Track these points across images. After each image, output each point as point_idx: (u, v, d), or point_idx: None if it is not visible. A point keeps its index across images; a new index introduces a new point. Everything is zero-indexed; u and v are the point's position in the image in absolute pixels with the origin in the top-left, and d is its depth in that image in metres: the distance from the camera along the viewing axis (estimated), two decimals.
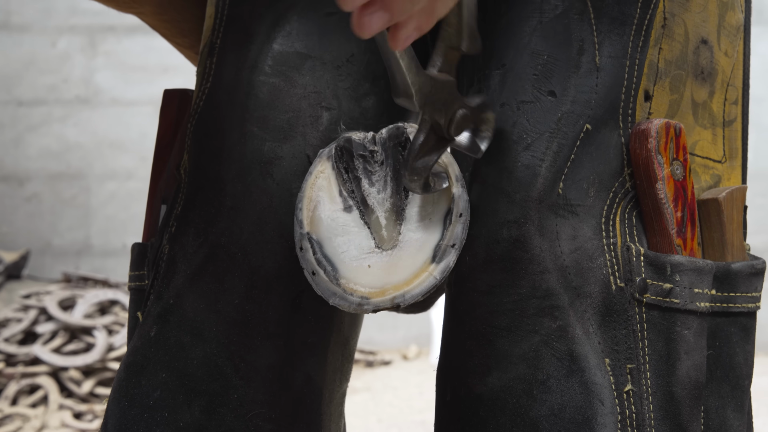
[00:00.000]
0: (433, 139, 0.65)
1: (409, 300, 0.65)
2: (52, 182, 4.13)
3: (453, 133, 0.65)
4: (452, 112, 0.64)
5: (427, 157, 0.65)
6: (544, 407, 0.63)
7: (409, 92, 0.60)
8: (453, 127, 0.64)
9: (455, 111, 0.64)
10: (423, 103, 0.61)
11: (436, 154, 0.65)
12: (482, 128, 0.68)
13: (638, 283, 0.65)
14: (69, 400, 2.84)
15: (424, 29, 0.56)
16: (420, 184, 0.65)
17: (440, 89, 0.63)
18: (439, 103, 0.63)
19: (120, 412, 0.69)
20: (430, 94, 0.62)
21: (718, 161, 0.75)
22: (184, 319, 0.69)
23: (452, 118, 0.64)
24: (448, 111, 0.64)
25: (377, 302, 0.66)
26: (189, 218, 0.71)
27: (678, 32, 0.71)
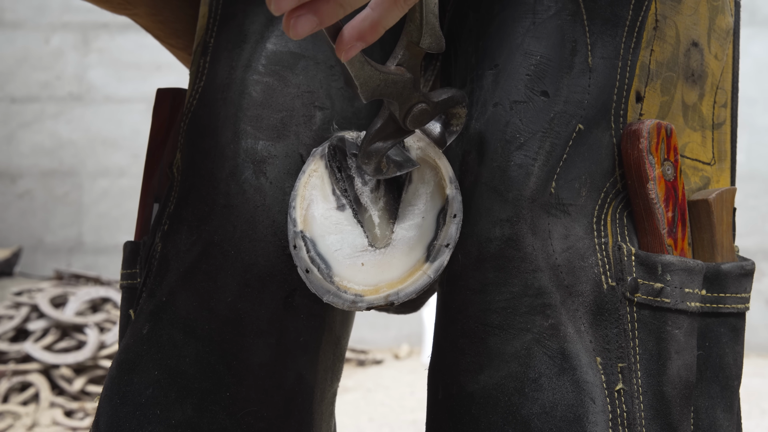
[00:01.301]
0: (392, 127, 0.66)
1: (402, 298, 0.66)
2: (45, 179, 4.12)
3: (410, 125, 0.65)
4: (408, 106, 0.65)
5: (382, 143, 0.66)
6: (536, 405, 0.63)
7: (353, 84, 0.61)
8: (409, 120, 0.65)
9: (413, 105, 0.65)
10: (370, 96, 0.62)
11: (391, 140, 0.66)
12: (452, 122, 0.69)
13: (629, 282, 0.66)
14: (60, 398, 2.83)
15: (367, 40, 0.57)
16: (371, 168, 0.66)
17: (392, 84, 0.63)
18: (392, 96, 0.63)
19: (112, 409, 0.69)
20: (378, 88, 0.62)
21: (707, 163, 0.75)
22: (177, 317, 0.69)
23: (408, 111, 0.65)
24: (404, 105, 0.64)
25: (371, 300, 0.66)
26: (182, 216, 0.71)
27: (669, 34, 0.72)
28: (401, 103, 0.64)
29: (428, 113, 0.66)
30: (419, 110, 0.65)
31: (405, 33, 0.64)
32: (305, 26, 0.54)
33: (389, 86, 0.63)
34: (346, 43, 0.57)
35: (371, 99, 0.62)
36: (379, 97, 0.63)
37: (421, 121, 0.66)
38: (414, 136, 0.71)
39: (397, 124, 0.66)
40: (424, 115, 0.66)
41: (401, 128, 0.66)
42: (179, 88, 0.82)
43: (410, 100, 0.65)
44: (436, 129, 0.70)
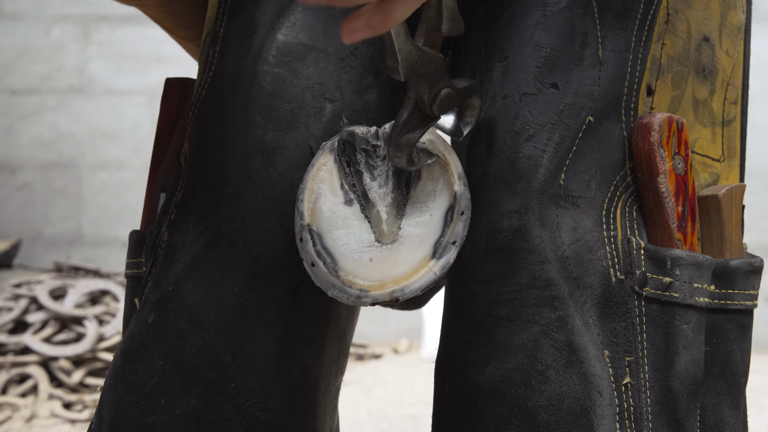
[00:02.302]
0: (418, 116, 0.66)
1: (408, 294, 0.65)
2: (44, 171, 4.12)
3: (436, 111, 0.65)
4: (437, 89, 0.65)
5: (411, 134, 0.66)
6: (543, 398, 0.63)
7: (395, 59, 0.61)
8: (437, 105, 0.65)
9: (440, 89, 0.65)
10: (408, 74, 0.62)
11: (420, 130, 0.66)
12: (467, 113, 0.69)
13: (638, 276, 0.66)
14: (59, 390, 2.83)
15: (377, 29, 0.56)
16: (404, 160, 0.66)
17: (427, 62, 0.63)
18: (425, 77, 0.63)
19: (115, 398, 0.69)
20: (416, 65, 0.62)
21: (716, 160, 0.75)
22: (183, 307, 0.69)
23: (436, 95, 0.65)
24: (433, 87, 0.64)
25: (376, 295, 0.66)
26: (189, 206, 0.71)
27: (681, 28, 0.71)
28: (431, 85, 0.64)
29: (453, 99, 0.66)
30: (446, 94, 0.65)
31: (423, 20, 0.64)
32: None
33: (425, 65, 0.63)
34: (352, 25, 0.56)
35: (408, 77, 0.62)
36: (415, 75, 0.62)
37: (447, 106, 0.66)
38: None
39: (422, 113, 0.66)
40: (450, 100, 0.66)
41: (427, 116, 0.66)
42: (188, 78, 0.82)
43: (438, 83, 0.65)
44: (450, 120, 0.69)
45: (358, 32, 0.56)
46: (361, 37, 0.56)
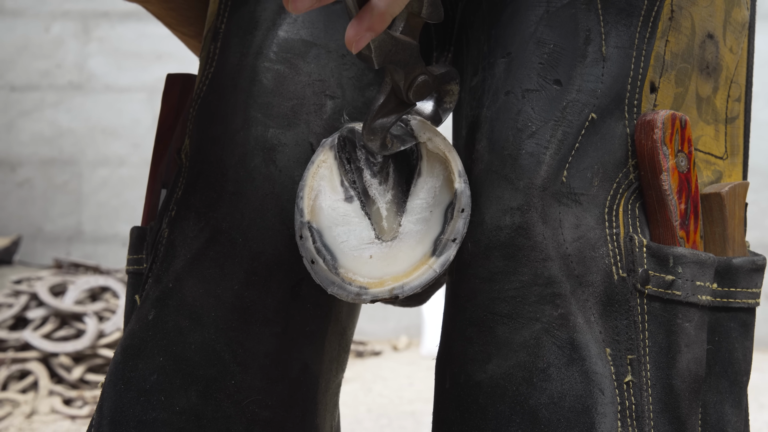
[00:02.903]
0: (394, 102, 0.65)
1: (407, 291, 0.65)
2: (44, 168, 4.12)
3: (413, 97, 0.65)
4: (413, 76, 0.64)
5: (386, 119, 0.65)
6: (544, 395, 0.63)
7: (368, 47, 0.60)
8: (413, 91, 0.65)
9: (416, 76, 0.65)
10: (382, 61, 0.61)
11: (395, 115, 0.66)
12: (446, 99, 0.69)
13: (640, 274, 0.65)
14: (59, 386, 2.83)
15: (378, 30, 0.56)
16: (377, 144, 0.66)
17: (401, 50, 0.62)
18: (399, 64, 0.63)
19: (116, 395, 0.68)
20: (390, 53, 0.62)
21: (719, 157, 0.75)
22: (183, 304, 0.68)
23: (412, 82, 0.65)
24: (409, 75, 0.64)
25: (375, 293, 0.66)
26: (189, 202, 0.71)
27: (685, 25, 0.71)
28: (407, 72, 0.64)
29: (429, 85, 0.66)
30: (422, 81, 0.65)
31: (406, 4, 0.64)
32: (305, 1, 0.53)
33: (399, 52, 0.62)
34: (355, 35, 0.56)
35: (383, 65, 0.62)
36: (390, 62, 0.62)
37: (423, 93, 0.66)
38: (424, 128, 0.70)
39: (398, 98, 0.66)
40: (426, 87, 0.66)
41: (403, 102, 0.66)
42: (189, 74, 0.81)
43: (414, 70, 0.64)
44: (429, 107, 0.70)
45: (363, 38, 0.56)
46: (366, 42, 0.56)
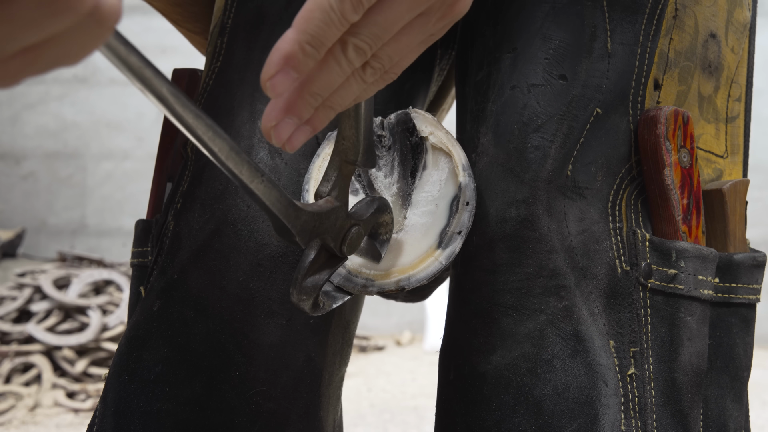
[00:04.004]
0: (325, 257, 0.60)
1: (413, 284, 0.65)
2: (49, 161, 4.13)
3: (347, 252, 0.60)
4: (342, 234, 0.60)
5: (317, 276, 0.60)
6: (548, 386, 0.63)
7: (290, 235, 0.55)
8: (346, 246, 0.60)
9: (346, 231, 0.60)
10: (309, 239, 0.57)
11: (327, 272, 0.60)
12: (380, 231, 0.65)
13: (643, 267, 0.66)
14: (62, 380, 2.84)
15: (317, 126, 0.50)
16: (309, 304, 0.60)
17: (326, 218, 0.58)
18: (328, 232, 0.58)
19: (120, 385, 0.69)
20: (315, 228, 0.57)
21: (720, 156, 0.75)
22: (188, 295, 0.69)
23: (344, 237, 0.60)
24: (338, 234, 0.59)
25: (382, 284, 0.66)
26: (195, 195, 0.71)
27: (688, 24, 0.71)
28: (335, 234, 0.59)
29: (361, 234, 0.62)
30: (355, 234, 0.61)
31: (336, 152, 0.60)
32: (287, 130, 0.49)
33: (325, 223, 0.58)
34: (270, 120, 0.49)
35: (309, 242, 0.57)
36: (317, 237, 0.57)
37: (357, 244, 0.61)
38: (425, 122, 0.70)
39: (329, 252, 0.60)
40: (359, 238, 0.61)
41: (335, 255, 0.61)
42: (195, 69, 0.82)
43: (344, 227, 0.60)
44: (363, 244, 0.65)
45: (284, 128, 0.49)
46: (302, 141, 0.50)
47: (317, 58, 0.46)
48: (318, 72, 0.48)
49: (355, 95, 0.51)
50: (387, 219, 0.65)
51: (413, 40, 0.51)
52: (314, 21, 0.45)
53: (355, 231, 0.61)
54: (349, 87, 0.50)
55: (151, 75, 0.42)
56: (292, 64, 0.45)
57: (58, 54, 0.36)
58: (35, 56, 0.35)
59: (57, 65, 0.37)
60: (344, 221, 0.60)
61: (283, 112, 0.48)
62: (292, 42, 0.45)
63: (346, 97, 0.50)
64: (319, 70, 0.48)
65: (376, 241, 0.65)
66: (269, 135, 0.48)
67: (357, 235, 0.61)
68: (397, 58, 0.51)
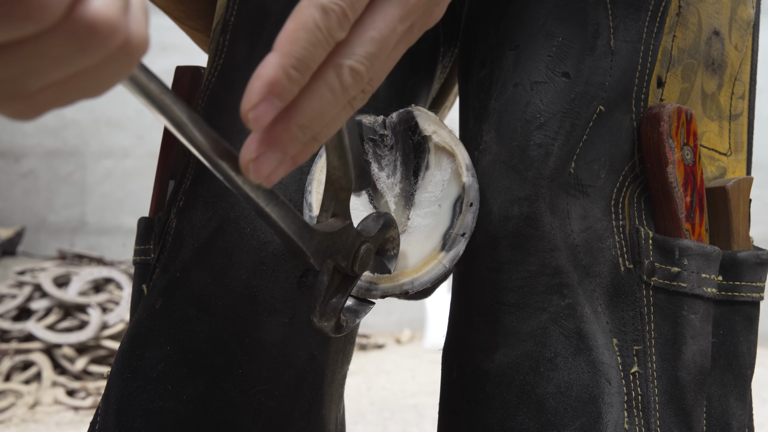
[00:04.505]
0: (338, 279, 0.60)
1: (417, 287, 0.65)
2: (49, 159, 4.12)
3: (359, 271, 0.60)
4: (353, 251, 0.59)
5: (335, 299, 0.60)
6: (551, 385, 0.63)
7: (305, 257, 0.54)
8: (358, 265, 0.59)
9: (357, 250, 0.59)
10: (323, 261, 0.55)
11: (342, 293, 0.60)
12: (388, 247, 0.65)
13: (646, 265, 0.66)
14: (62, 377, 2.84)
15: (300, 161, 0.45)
16: (332, 326, 0.60)
17: (338, 237, 0.57)
18: (340, 252, 0.58)
19: (122, 383, 0.69)
20: (329, 249, 0.56)
21: (723, 154, 0.75)
22: (191, 293, 0.69)
23: (355, 256, 0.59)
24: (349, 252, 0.59)
25: (385, 288, 0.66)
26: (198, 192, 0.71)
27: (692, 21, 0.71)
28: (347, 253, 0.59)
29: (371, 251, 0.61)
30: (365, 251, 0.60)
31: (329, 181, 0.58)
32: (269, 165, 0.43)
33: (336, 242, 0.57)
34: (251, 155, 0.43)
35: (323, 263, 0.56)
36: (329, 257, 0.56)
37: (368, 261, 0.60)
38: (428, 121, 0.70)
39: (342, 273, 0.60)
40: (369, 255, 0.60)
41: (347, 276, 0.61)
42: (198, 67, 0.81)
43: (354, 246, 0.59)
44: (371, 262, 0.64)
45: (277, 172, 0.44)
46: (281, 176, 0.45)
47: (302, 84, 0.42)
48: (307, 102, 0.43)
49: (341, 124, 0.46)
50: (393, 234, 0.64)
51: (399, 56, 0.47)
52: (299, 42, 0.41)
53: (364, 249, 0.60)
54: (338, 117, 0.45)
55: (170, 102, 0.41)
56: (277, 91, 0.40)
57: (84, 87, 0.35)
58: (61, 90, 0.34)
59: (82, 98, 0.36)
60: (354, 239, 0.59)
61: (266, 145, 0.43)
62: (276, 67, 0.40)
63: (333, 127, 0.45)
64: (309, 99, 0.43)
65: (384, 257, 0.65)
66: (247, 169, 0.43)
67: (367, 252, 0.60)
68: (383, 76, 0.46)
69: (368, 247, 0.60)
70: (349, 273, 0.60)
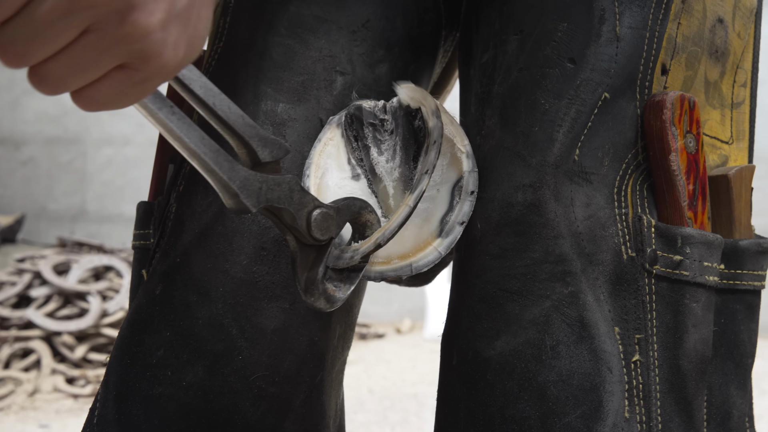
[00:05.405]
0: (313, 253, 0.59)
1: (414, 271, 0.65)
2: (49, 147, 4.12)
3: (317, 234, 0.58)
4: (306, 212, 0.57)
5: (311, 272, 0.59)
6: (553, 373, 0.63)
7: (232, 191, 0.52)
8: (313, 228, 0.58)
9: (310, 212, 0.57)
10: (257, 202, 0.54)
11: (318, 265, 0.59)
12: (367, 234, 0.64)
13: (649, 254, 0.65)
14: (62, 365, 2.84)
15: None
16: (322, 301, 0.60)
17: (275, 185, 0.55)
18: (282, 202, 0.56)
19: (122, 369, 0.69)
20: (262, 191, 0.54)
21: (725, 142, 0.75)
22: (191, 278, 0.68)
23: (308, 219, 0.57)
24: (300, 212, 0.57)
25: (381, 270, 0.66)
26: (198, 177, 0.71)
27: (697, 8, 0.71)
28: (296, 209, 0.57)
29: (331, 217, 0.59)
30: (320, 214, 0.58)
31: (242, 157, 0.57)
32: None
33: (273, 190, 0.55)
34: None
35: (259, 207, 0.54)
36: (267, 203, 0.55)
37: (327, 227, 0.59)
38: (427, 106, 0.70)
39: (310, 246, 0.59)
40: (329, 220, 0.59)
41: (317, 247, 0.59)
42: None
43: (304, 205, 0.57)
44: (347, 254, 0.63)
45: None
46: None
47: None
48: None
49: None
50: (370, 219, 0.63)
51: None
52: None
53: (319, 213, 0.58)
54: None
55: None
56: None
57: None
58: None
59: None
60: (302, 196, 0.57)
61: None
62: None
63: None
64: None
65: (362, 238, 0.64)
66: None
67: (324, 216, 0.58)
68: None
69: (325, 212, 0.58)
70: (309, 240, 0.58)
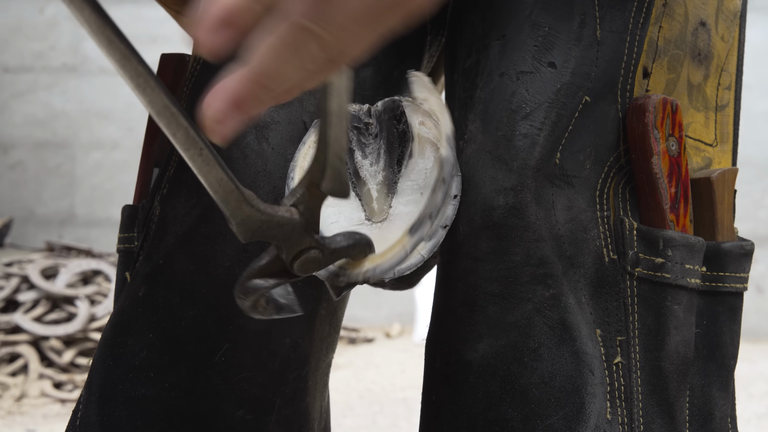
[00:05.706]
0: (279, 266, 0.57)
1: (397, 274, 0.65)
2: (37, 150, 4.11)
3: (296, 271, 0.57)
4: (297, 250, 0.56)
5: (263, 281, 0.57)
6: (535, 375, 0.63)
7: (230, 223, 0.53)
8: (297, 266, 0.57)
9: (302, 250, 0.56)
10: (249, 237, 0.53)
11: (275, 280, 0.57)
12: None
13: (630, 256, 0.66)
14: (49, 370, 2.83)
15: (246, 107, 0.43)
16: (247, 305, 0.58)
17: (276, 227, 0.55)
18: (276, 240, 0.55)
19: (105, 371, 0.68)
20: (260, 229, 0.54)
21: (709, 144, 0.75)
22: (174, 280, 0.68)
23: (297, 256, 0.56)
24: (291, 249, 0.56)
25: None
26: (182, 180, 0.71)
27: (678, 12, 0.71)
28: (288, 247, 0.56)
29: (319, 260, 0.58)
30: (311, 257, 0.57)
31: (309, 171, 0.56)
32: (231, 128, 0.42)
33: (273, 229, 0.54)
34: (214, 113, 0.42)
35: (250, 240, 0.54)
36: (260, 239, 0.54)
37: (310, 268, 0.58)
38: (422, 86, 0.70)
39: (284, 264, 0.58)
40: (315, 263, 0.58)
41: (287, 271, 0.58)
42: (183, 54, 0.81)
43: (300, 244, 0.56)
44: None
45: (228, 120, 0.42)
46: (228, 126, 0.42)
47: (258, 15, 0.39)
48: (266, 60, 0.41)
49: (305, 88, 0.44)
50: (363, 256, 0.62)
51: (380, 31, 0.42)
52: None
53: (313, 254, 0.57)
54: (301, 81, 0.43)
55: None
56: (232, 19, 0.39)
57: None
58: None
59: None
60: (301, 238, 0.56)
61: (233, 107, 0.41)
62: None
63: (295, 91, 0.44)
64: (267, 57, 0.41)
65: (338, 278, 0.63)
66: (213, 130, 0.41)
67: (313, 259, 0.57)
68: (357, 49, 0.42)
69: (317, 255, 0.57)
70: (288, 268, 0.57)
